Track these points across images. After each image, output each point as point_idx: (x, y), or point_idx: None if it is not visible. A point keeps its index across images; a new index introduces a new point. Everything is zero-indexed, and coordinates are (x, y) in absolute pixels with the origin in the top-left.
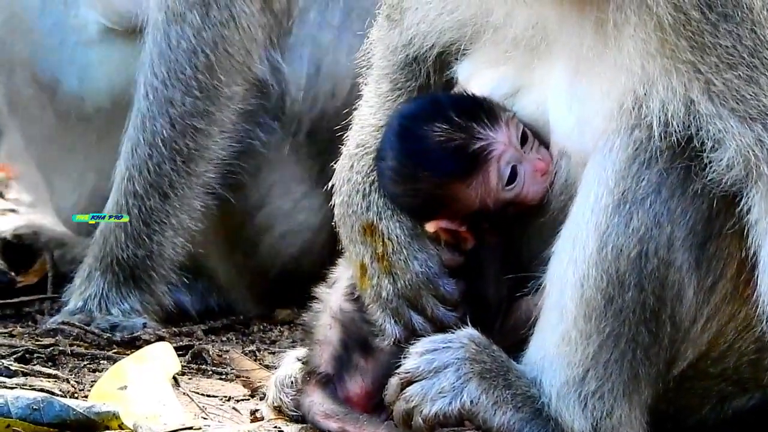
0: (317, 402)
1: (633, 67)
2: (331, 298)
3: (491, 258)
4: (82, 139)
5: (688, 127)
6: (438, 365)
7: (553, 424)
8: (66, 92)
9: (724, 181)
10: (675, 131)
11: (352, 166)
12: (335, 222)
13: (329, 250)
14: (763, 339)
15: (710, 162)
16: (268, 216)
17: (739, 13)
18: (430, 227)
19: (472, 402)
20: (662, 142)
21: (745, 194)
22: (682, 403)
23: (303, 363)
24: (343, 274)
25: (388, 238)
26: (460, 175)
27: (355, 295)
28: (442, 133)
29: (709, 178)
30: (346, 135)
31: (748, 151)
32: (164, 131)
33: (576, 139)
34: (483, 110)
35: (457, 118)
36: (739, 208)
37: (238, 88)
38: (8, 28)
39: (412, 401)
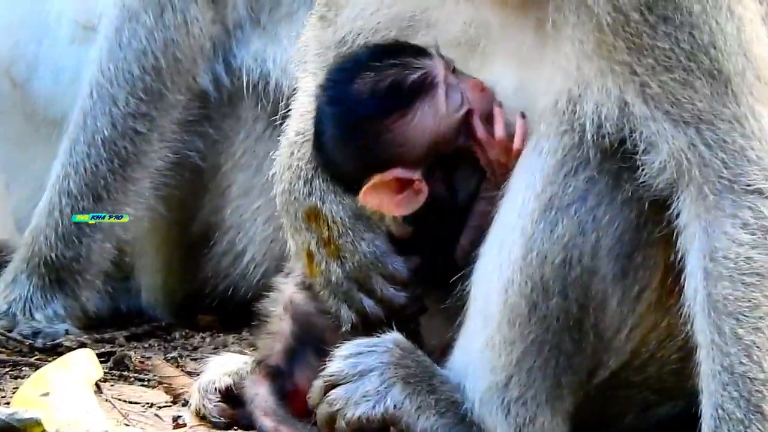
0: (261, 395)
1: (569, 67)
2: (286, 289)
3: (439, 215)
4: (47, 144)
5: (622, 129)
6: (362, 369)
7: (477, 429)
8: (38, 92)
9: (655, 184)
10: (608, 133)
11: (292, 153)
12: (278, 211)
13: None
14: (685, 348)
15: (642, 165)
16: (214, 232)
17: (679, 16)
18: (384, 179)
19: (395, 406)
20: (593, 146)
21: (675, 198)
22: (605, 411)
23: (254, 350)
24: (297, 264)
25: (333, 221)
26: (401, 109)
27: (307, 284)
28: (370, 79)
29: (640, 181)
30: (285, 124)
31: (681, 155)
32: (105, 130)
33: None
34: (409, 46)
35: (380, 62)
36: (669, 212)
37: (181, 97)
38: None
39: (336, 405)
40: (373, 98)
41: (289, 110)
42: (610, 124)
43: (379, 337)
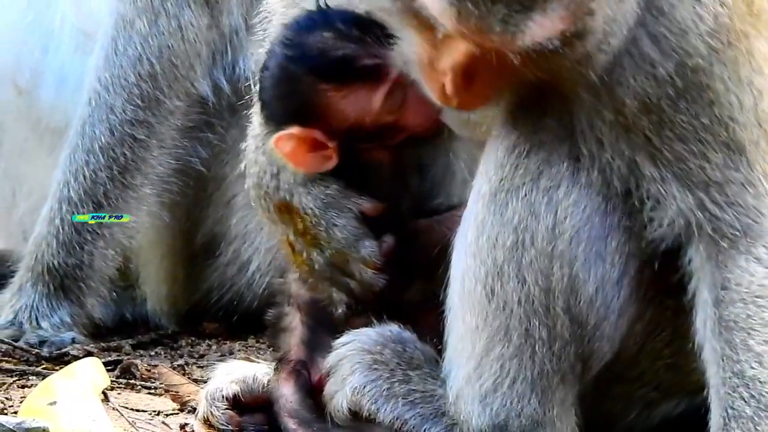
0: (285, 396)
1: (580, 127)
2: (287, 285)
3: (395, 175)
4: (52, 152)
5: (627, 182)
6: (340, 359)
7: (455, 422)
8: (43, 101)
9: (664, 238)
10: (615, 185)
11: (257, 146)
12: (252, 203)
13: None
14: (677, 342)
15: (649, 220)
16: (219, 242)
17: (702, 95)
18: (301, 134)
19: (354, 391)
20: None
21: (686, 247)
22: (606, 409)
23: (272, 350)
24: (284, 255)
25: (305, 213)
26: (338, 82)
27: (300, 275)
28: (326, 41)
29: (649, 238)
30: (250, 115)
31: (690, 214)
32: (102, 138)
33: None
34: (382, 29)
35: (346, 29)
36: (680, 259)
37: (180, 103)
38: None
39: (328, 396)
40: (320, 59)
41: None
42: (617, 177)
43: (372, 326)
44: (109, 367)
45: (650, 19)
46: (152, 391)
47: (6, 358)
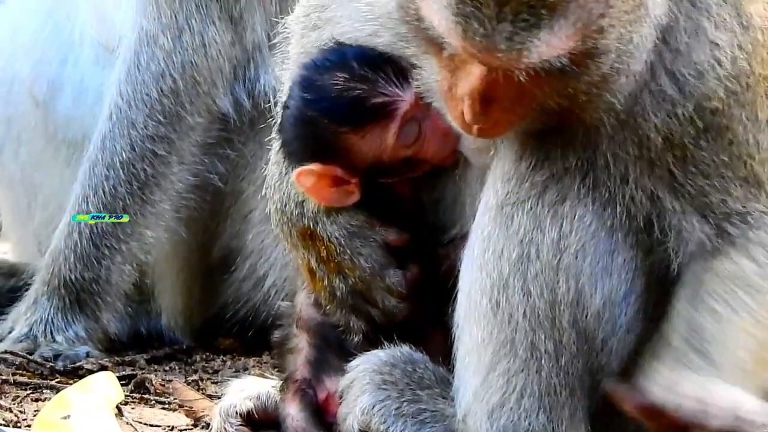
0: (292, 415)
1: (600, 162)
2: (295, 307)
3: (415, 206)
4: (68, 164)
5: (650, 214)
6: (351, 382)
7: None
8: (60, 112)
9: (678, 259)
10: (636, 216)
11: (281, 172)
12: (274, 227)
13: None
14: None
15: (675, 251)
16: (235, 257)
17: (723, 135)
18: (322, 171)
19: (364, 412)
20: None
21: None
22: (619, 429)
23: (278, 371)
24: (300, 280)
25: (329, 241)
26: (353, 126)
27: (315, 300)
28: (341, 83)
29: (664, 264)
30: (270, 132)
31: (707, 240)
32: (123, 153)
33: None
34: (391, 66)
35: (359, 69)
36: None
37: (201, 119)
38: (11, 43)
39: (341, 419)
40: (335, 101)
41: None
42: (635, 207)
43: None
44: (124, 382)
45: (668, 56)
46: (166, 406)
47: (20, 372)
